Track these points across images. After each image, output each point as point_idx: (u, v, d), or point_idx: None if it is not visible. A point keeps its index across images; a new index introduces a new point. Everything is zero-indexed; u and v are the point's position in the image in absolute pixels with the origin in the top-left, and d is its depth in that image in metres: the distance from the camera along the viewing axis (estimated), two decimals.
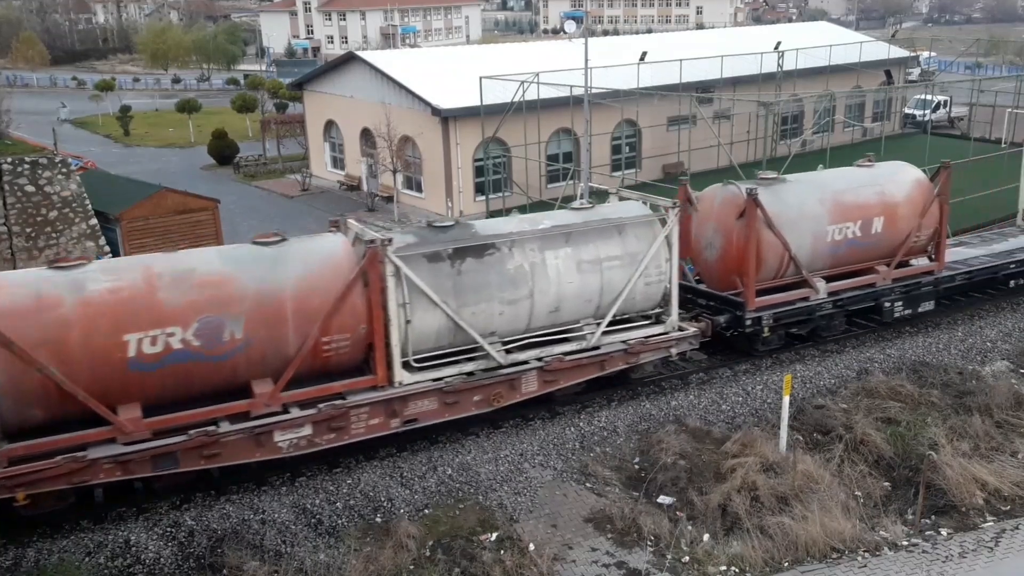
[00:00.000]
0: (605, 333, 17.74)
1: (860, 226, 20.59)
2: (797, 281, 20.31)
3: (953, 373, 20.44)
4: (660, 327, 18.54)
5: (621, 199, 19.26)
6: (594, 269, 17.27)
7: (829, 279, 20.70)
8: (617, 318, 17.96)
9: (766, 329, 19.86)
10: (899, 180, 21.54)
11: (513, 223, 17.51)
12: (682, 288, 20.04)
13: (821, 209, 20.14)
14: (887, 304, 21.53)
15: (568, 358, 17.31)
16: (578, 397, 18.58)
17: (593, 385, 18.46)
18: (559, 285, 16.92)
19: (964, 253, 24.71)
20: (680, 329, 18.67)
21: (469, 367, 16.47)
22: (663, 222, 18.03)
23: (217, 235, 30.62)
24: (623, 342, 18.02)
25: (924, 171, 22.63)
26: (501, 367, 16.67)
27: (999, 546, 14.54)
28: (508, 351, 16.83)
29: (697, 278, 21.06)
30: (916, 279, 22.00)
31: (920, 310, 22.21)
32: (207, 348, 14.05)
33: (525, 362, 16.95)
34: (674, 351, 18.69)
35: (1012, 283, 24.43)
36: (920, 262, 22.50)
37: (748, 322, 19.53)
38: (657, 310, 18.60)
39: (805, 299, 20.34)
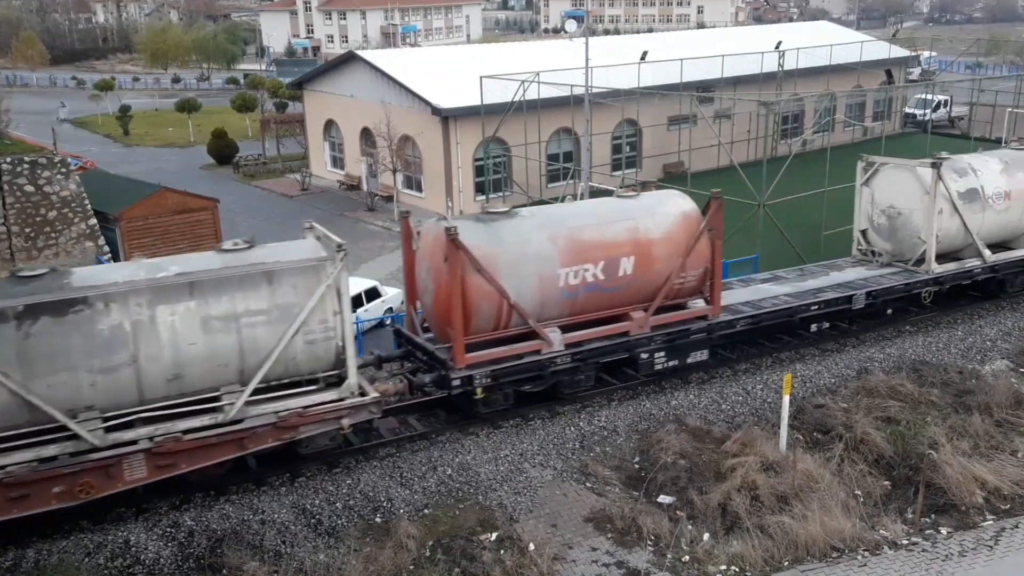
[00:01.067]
0: (257, 402, 14.87)
1: (603, 268, 17.62)
2: (527, 332, 17.48)
3: (953, 372, 20.43)
4: (335, 392, 15.54)
5: (318, 237, 16.10)
6: (228, 326, 14.36)
7: (574, 327, 17.98)
8: (276, 383, 15.12)
9: (479, 390, 16.98)
10: (658, 214, 18.56)
11: (127, 270, 14.56)
12: (406, 340, 18.43)
13: (552, 249, 17.24)
14: (644, 355, 18.52)
15: (188, 436, 14.32)
16: (578, 396, 18.53)
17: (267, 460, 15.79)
18: (176, 347, 14.06)
19: (766, 291, 21.63)
20: (363, 394, 15.73)
21: (51, 450, 13.66)
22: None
23: (217, 235, 30.61)
24: (275, 414, 14.97)
25: None
26: (96, 449, 13.82)
27: (999, 545, 14.53)
28: (114, 428, 14.03)
29: (425, 326, 18.35)
30: (683, 326, 18.94)
31: (690, 361, 19.19)
32: None
33: (134, 442, 14.12)
34: (346, 422, 15.45)
35: (814, 327, 21.21)
36: (699, 305, 19.38)
37: (456, 382, 16.70)
38: (334, 372, 15.55)
39: (536, 352, 17.50)
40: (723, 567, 14.02)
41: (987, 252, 23.02)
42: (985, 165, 23.43)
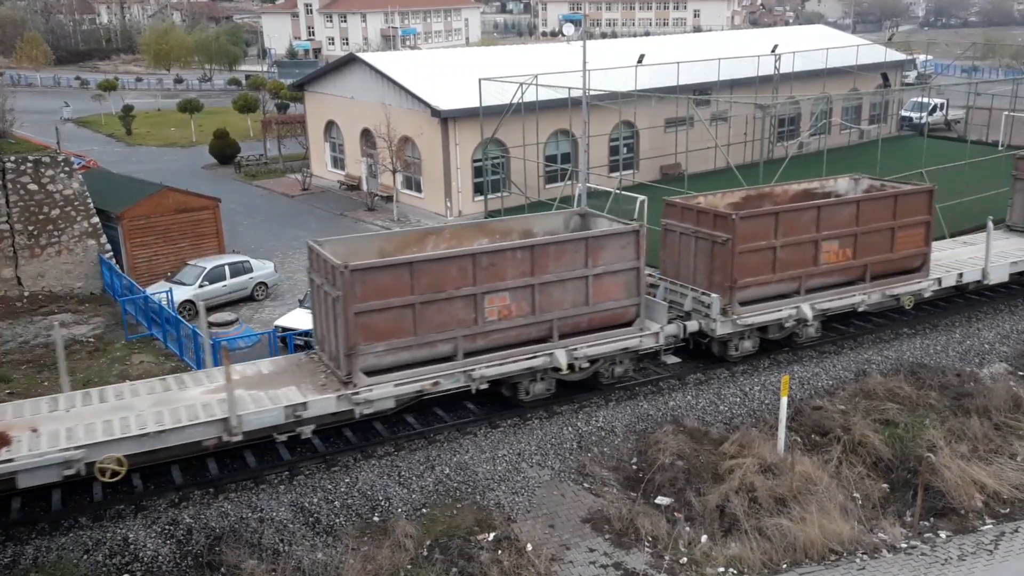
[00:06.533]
0: None
1: None
2: None
3: (951, 375, 20.42)
4: None
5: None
6: None
7: None
8: None
9: None
10: None
11: None
12: None
13: None
14: None
15: None
16: (575, 396, 18.56)
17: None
18: None
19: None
20: None
21: None
22: None
23: (218, 234, 30.66)
24: None
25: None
26: None
27: (998, 549, 14.53)
28: None
29: None
30: None
31: None
32: None
33: None
34: None
35: None
36: None
37: None
38: None
39: None
40: (721, 569, 14.02)
41: None
42: None
